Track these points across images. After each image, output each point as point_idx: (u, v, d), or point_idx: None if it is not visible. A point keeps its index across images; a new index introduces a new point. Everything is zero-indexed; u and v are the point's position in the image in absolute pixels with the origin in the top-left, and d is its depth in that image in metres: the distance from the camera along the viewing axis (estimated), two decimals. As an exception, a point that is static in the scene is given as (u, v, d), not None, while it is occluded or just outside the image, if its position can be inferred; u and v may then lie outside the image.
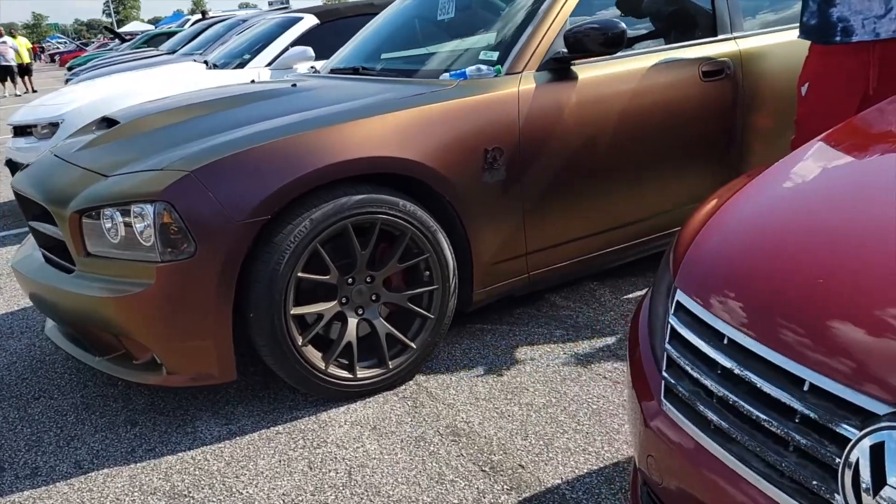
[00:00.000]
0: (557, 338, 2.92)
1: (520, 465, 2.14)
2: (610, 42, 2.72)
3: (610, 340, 2.87)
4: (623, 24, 2.71)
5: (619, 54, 2.91)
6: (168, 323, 2.28)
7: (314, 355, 2.46)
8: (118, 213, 2.31)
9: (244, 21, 9.17)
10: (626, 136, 2.96)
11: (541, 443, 2.24)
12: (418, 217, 2.53)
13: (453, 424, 2.37)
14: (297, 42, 5.67)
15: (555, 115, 2.78)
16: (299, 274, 2.37)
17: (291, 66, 5.58)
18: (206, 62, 5.96)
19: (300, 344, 2.42)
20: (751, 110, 3.29)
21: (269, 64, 5.59)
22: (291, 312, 2.38)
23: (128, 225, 2.29)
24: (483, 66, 2.76)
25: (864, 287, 1.10)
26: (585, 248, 3.02)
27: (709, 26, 3.29)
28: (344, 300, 2.51)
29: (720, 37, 3.27)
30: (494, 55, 2.86)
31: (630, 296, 3.26)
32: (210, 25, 12.04)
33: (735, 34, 3.31)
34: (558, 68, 2.84)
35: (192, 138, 2.52)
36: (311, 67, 3.71)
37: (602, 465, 2.11)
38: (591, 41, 2.73)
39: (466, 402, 2.50)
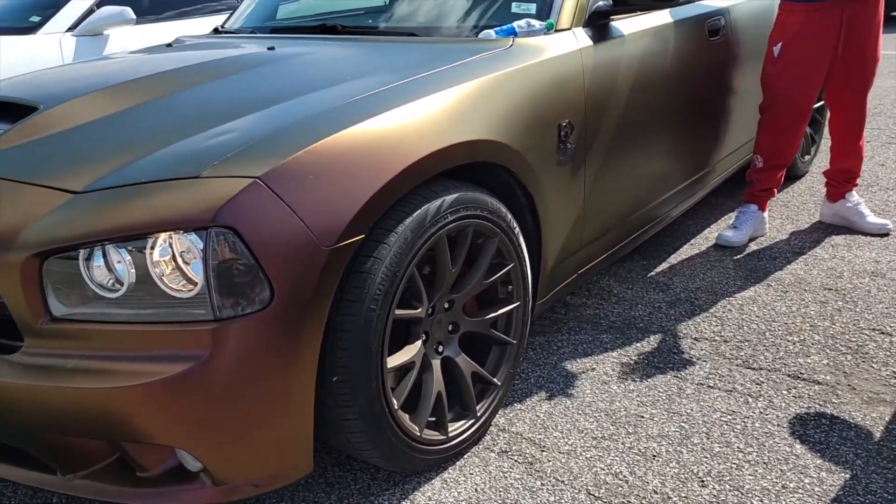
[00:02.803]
0: (609, 344, 2.49)
1: (732, 523, 1.70)
2: (665, -6, 2.30)
3: (665, 338, 2.49)
4: (678, -28, 2.31)
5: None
6: (227, 412, 1.48)
7: (405, 419, 1.78)
8: (124, 252, 1.44)
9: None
10: (667, 98, 2.60)
11: (727, 487, 1.80)
12: (503, 217, 1.94)
13: (601, 480, 1.85)
14: (105, 2, 4.50)
15: (611, 80, 2.32)
16: (396, 312, 1.68)
17: (103, 32, 4.45)
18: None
19: (396, 408, 1.73)
20: (738, 68, 3.09)
21: (71, 29, 4.37)
22: (388, 367, 1.69)
23: (141, 269, 1.44)
24: (533, 21, 2.19)
25: None
26: (626, 232, 2.62)
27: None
28: (424, 337, 1.86)
29: (706, -8, 3.00)
30: (531, 7, 2.31)
31: (639, 282, 2.91)
32: None
33: (718, -10, 3.07)
34: (601, 24, 2.36)
35: (198, 125, 1.66)
36: (219, 25, 2.81)
37: (827, 502, 1.74)
38: (639, -7, 2.30)
39: (588, 447, 1.98)
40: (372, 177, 1.58)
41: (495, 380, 2.03)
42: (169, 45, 2.57)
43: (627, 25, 2.46)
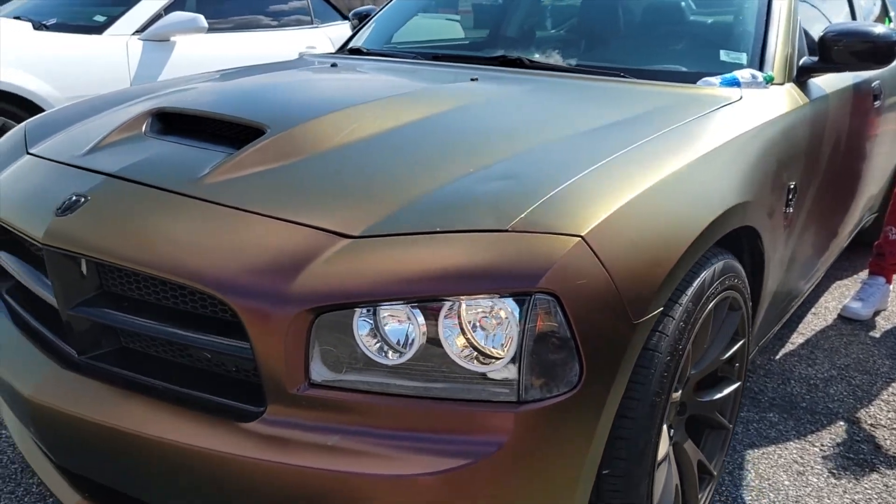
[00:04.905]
0: (780, 425, 2.28)
1: None
2: (878, 55, 2.13)
3: (840, 423, 2.29)
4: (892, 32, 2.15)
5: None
6: (510, 513, 1.23)
7: (652, 518, 1.54)
8: (417, 313, 1.19)
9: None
10: (842, 161, 2.44)
11: None
12: (747, 288, 1.73)
13: None
14: (172, 7, 4.23)
15: (819, 140, 2.15)
16: (674, 396, 1.45)
17: (170, 38, 4.18)
18: (30, 21, 4.18)
19: (655, 507, 1.49)
20: (885, 133, 2.96)
21: (138, 32, 4.09)
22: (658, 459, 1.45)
23: (432, 334, 1.19)
24: (756, 73, 2.01)
25: None
26: (792, 303, 2.43)
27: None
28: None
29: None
30: (741, 57, 2.12)
31: (779, 353, 2.72)
32: None
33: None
34: (805, 81, 2.19)
35: (454, 164, 1.42)
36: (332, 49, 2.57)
37: None
38: (848, 52, 2.12)
39: (817, 551, 1.76)
40: (674, 240, 1.36)
41: (711, 468, 1.81)
42: (333, 64, 2.31)
43: (821, 84, 2.29)
